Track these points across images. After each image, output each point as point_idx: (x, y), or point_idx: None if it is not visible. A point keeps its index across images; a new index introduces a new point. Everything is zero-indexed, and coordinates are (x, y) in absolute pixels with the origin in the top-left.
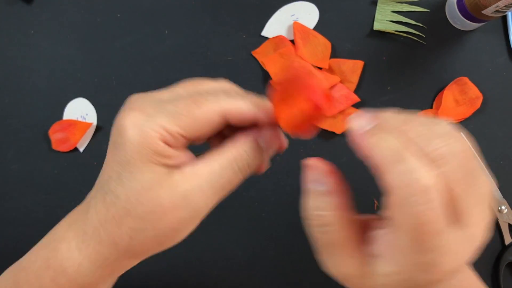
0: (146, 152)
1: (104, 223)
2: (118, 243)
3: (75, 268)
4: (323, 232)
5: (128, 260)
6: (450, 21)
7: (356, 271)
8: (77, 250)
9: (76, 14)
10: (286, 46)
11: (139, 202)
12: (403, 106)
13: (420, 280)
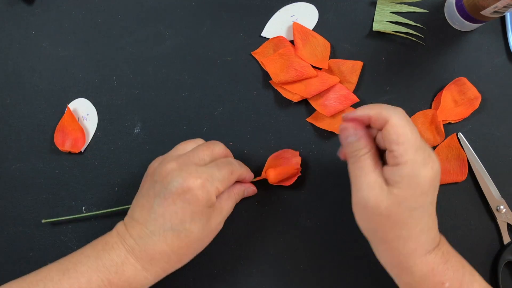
0: (209, 204)
1: (178, 250)
2: (182, 259)
3: (141, 281)
4: (360, 160)
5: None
6: (448, 21)
7: (377, 181)
8: (143, 270)
9: (77, 15)
10: (285, 47)
11: (204, 230)
12: (402, 106)
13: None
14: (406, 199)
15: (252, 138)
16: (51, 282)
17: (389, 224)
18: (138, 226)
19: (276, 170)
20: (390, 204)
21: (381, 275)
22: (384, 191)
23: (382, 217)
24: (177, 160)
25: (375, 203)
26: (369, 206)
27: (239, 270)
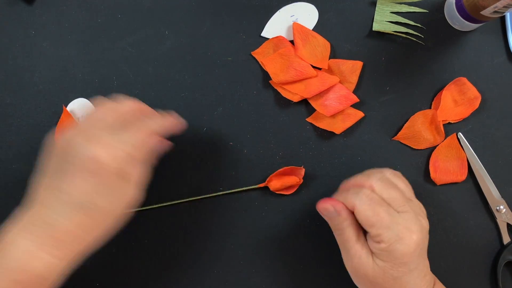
0: (120, 174)
1: (86, 228)
2: (88, 235)
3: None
4: (343, 233)
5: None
6: (448, 21)
7: (362, 252)
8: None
9: (77, 15)
10: (285, 47)
11: (119, 207)
12: (402, 106)
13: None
14: (388, 269)
15: (252, 138)
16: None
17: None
18: (43, 209)
19: (279, 181)
20: (376, 273)
21: None
22: (369, 260)
23: (372, 283)
24: (80, 130)
25: (363, 272)
26: (359, 274)
27: (239, 270)
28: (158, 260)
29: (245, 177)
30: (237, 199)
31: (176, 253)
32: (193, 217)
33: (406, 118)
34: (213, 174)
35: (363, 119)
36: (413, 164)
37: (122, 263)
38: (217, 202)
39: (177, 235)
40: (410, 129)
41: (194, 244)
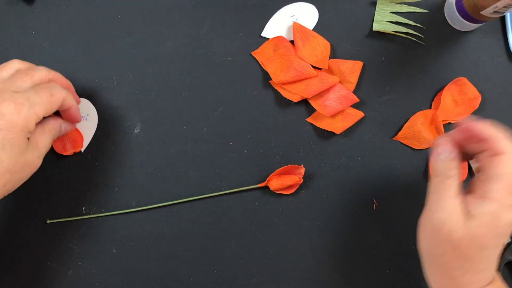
0: (25, 131)
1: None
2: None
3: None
4: (446, 182)
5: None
6: (449, 21)
7: (458, 208)
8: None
9: (77, 15)
10: (285, 47)
11: (17, 162)
12: (402, 106)
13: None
14: (480, 236)
15: (252, 138)
16: None
17: (455, 255)
18: None
19: (279, 181)
20: (463, 236)
21: (381, 275)
22: (461, 221)
23: (451, 245)
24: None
25: (449, 230)
26: (442, 232)
27: (239, 270)
28: (158, 260)
29: (245, 177)
30: (237, 199)
31: (176, 253)
32: (193, 217)
33: (406, 118)
34: (213, 174)
35: (363, 119)
36: (413, 164)
37: (122, 263)
38: (217, 202)
39: (177, 235)
40: (410, 129)
41: (194, 244)
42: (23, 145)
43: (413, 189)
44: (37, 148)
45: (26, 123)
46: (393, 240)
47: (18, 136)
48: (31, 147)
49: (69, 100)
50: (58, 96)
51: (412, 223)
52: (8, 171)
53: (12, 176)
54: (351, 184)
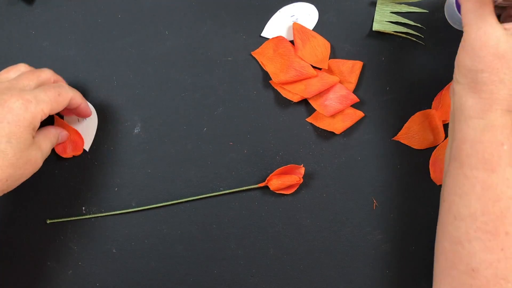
0: (31, 127)
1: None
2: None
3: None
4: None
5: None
6: (449, 21)
7: (499, 25)
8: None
9: (77, 15)
10: (285, 47)
11: (21, 157)
12: (402, 106)
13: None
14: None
15: (252, 138)
16: None
17: (497, 65)
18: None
19: (279, 180)
20: (508, 47)
21: (381, 275)
22: (504, 35)
23: (494, 57)
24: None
25: (495, 43)
26: (488, 45)
27: (239, 270)
28: (158, 260)
29: (245, 177)
30: (237, 199)
31: (176, 253)
32: (193, 217)
33: (406, 118)
34: (213, 174)
35: (363, 119)
36: (413, 164)
37: (122, 263)
38: (217, 202)
39: (177, 235)
40: (410, 129)
41: (194, 244)
42: (28, 140)
43: (413, 189)
44: (40, 149)
45: (33, 119)
46: (393, 240)
47: (24, 131)
48: (35, 146)
49: (77, 99)
50: (65, 96)
51: (412, 223)
52: (12, 165)
53: (15, 171)
54: (351, 184)
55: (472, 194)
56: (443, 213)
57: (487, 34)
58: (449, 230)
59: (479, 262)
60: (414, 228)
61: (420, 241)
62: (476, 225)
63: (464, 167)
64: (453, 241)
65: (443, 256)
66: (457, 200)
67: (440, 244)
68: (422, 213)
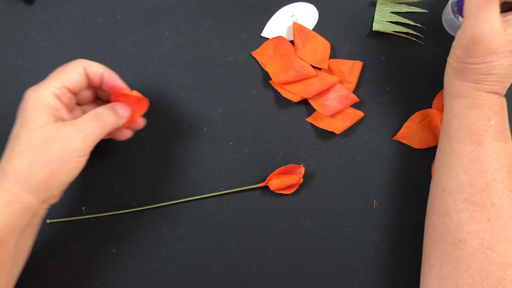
0: (41, 105)
1: (9, 161)
2: (20, 173)
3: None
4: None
5: (28, 195)
6: (446, 29)
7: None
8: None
9: (77, 15)
10: (285, 47)
11: (35, 136)
12: (402, 106)
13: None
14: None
15: (252, 138)
16: None
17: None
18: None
19: (279, 180)
20: (501, 42)
21: (381, 275)
22: (501, 30)
23: (486, 53)
24: None
25: (490, 40)
26: (482, 42)
27: (239, 270)
28: (158, 260)
29: (245, 177)
30: (237, 199)
31: (176, 253)
32: (193, 217)
33: (406, 118)
34: (213, 174)
35: (363, 119)
36: (413, 164)
37: (122, 263)
38: (217, 202)
39: (177, 235)
40: (410, 129)
41: (194, 244)
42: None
43: (413, 189)
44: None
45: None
46: (393, 240)
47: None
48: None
49: (94, 66)
50: (73, 65)
51: (412, 223)
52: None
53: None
54: (351, 184)
55: (459, 166)
56: (433, 187)
57: (483, 32)
58: (438, 202)
59: (466, 233)
60: (414, 228)
61: (420, 241)
62: (463, 196)
63: (452, 141)
64: (441, 214)
65: (432, 229)
66: (445, 172)
67: (429, 218)
68: (422, 213)
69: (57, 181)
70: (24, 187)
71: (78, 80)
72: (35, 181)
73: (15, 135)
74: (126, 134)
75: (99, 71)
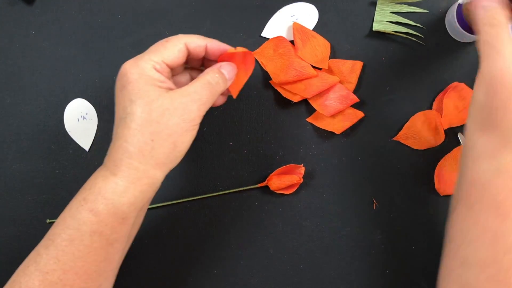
0: (146, 78)
1: (129, 138)
2: (144, 148)
3: (112, 189)
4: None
5: (154, 170)
6: (450, 33)
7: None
8: (111, 175)
9: (77, 15)
10: (285, 47)
11: (152, 109)
12: (402, 106)
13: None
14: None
15: (252, 138)
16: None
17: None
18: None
19: (279, 180)
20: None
21: (381, 275)
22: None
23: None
24: None
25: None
26: (504, 81)
27: (239, 270)
28: (158, 260)
29: (245, 177)
30: (237, 199)
31: (176, 253)
32: (193, 217)
33: (406, 118)
34: (213, 174)
35: (363, 119)
36: (413, 164)
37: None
38: (217, 202)
39: (177, 235)
40: (411, 129)
41: (194, 244)
42: (153, 92)
43: (413, 189)
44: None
45: (142, 72)
46: (393, 240)
47: (142, 87)
48: (176, 93)
49: (196, 41)
50: (174, 40)
51: (412, 223)
52: (152, 121)
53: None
54: (351, 184)
55: (482, 241)
56: (449, 253)
57: (503, 70)
58: (457, 274)
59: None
60: (414, 228)
61: (420, 241)
62: (487, 273)
63: (474, 210)
64: (463, 285)
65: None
66: (465, 245)
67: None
68: (422, 213)
69: (178, 151)
70: (149, 162)
71: (178, 57)
72: (160, 154)
73: (128, 112)
74: (222, 99)
75: (202, 45)
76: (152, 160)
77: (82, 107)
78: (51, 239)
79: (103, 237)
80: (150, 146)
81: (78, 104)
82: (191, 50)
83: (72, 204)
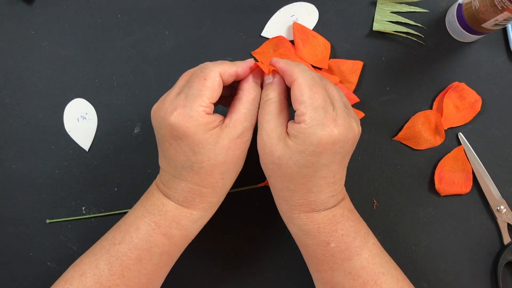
0: (203, 128)
1: (201, 182)
2: (216, 186)
3: (187, 218)
4: (267, 104)
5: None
6: (450, 33)
7: (277, 129)
8: (184, 207)
9: (77, 15)
10: (285, 47)
11: (217, 154)
12: (402, 106)
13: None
14: (296, 153)
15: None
16: (107, 241)
17: (279, 174)
18: (163, 172)
19: None
20: (282, 155)
21: None
22: (281, 141)
23: (274, 165)
24: (159, 100)
25: (270, 151)
26: (265, 152)
27: (239, 270)
28: None
29: (245, 177)
30: (237, 199)
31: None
32: None
33: (407, 118)
34: None
35: (363, 119)
36: (413, 164)
37: None
38: None
39: None
40: (411, 130)
41: (194, 244)
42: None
43: (413, 189)
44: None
45: (196, 123)
46: (393, 240)
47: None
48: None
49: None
50: (212, 76)
51: (412, 223)
52: (219, 162)
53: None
54: (351, 184)
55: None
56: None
57: (264, 142)
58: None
59: None
60: (414, 228)
61: (420, 241)
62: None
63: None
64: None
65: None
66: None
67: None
68: (422, 213)
69: (239, 170)
70: (221, 194)
71: (219, 92)
72: (229, 184)
73: (194, 161)
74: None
75: (233, 74)
76: (223, 191)
77: (81, 107)
78: (114, 256)
79: (170, 256)
80: (221, 183)
81: (78, 104)
82: (225, 80)
83: (140, 225)
